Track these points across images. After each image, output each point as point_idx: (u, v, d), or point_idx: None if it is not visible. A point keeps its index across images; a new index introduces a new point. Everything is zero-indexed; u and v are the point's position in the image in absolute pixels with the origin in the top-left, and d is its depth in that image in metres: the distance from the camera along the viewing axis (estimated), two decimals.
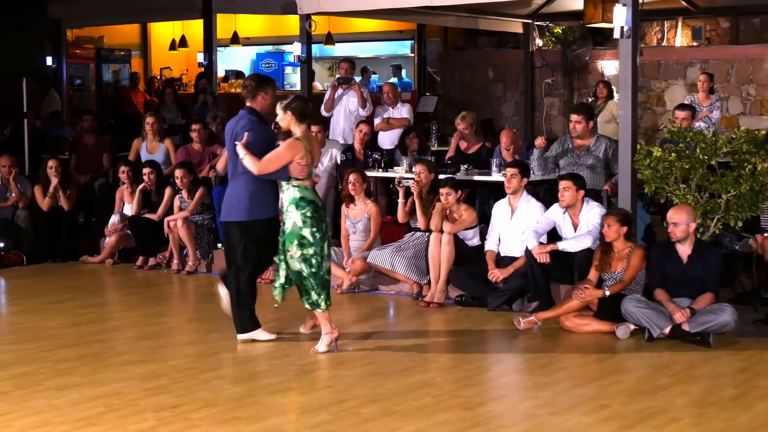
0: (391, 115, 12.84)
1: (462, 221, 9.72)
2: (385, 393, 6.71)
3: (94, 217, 12.91)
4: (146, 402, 6.52)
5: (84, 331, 8.52)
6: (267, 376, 7.18)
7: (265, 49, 22.23)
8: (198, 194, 11.43)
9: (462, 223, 9.72)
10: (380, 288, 10.27)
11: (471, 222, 9.80)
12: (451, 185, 9.73)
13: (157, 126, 12.64)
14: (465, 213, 9.79)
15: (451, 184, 9.75)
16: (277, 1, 14.67)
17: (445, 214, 9.70)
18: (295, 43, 13.05)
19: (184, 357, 7.74)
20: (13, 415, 6.25)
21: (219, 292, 8.26)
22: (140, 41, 21.36)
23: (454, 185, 9.77)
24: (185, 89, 19.30)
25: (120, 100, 18.69)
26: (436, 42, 19.92)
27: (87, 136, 13.67)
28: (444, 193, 9.70)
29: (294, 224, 7.68)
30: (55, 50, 17.51)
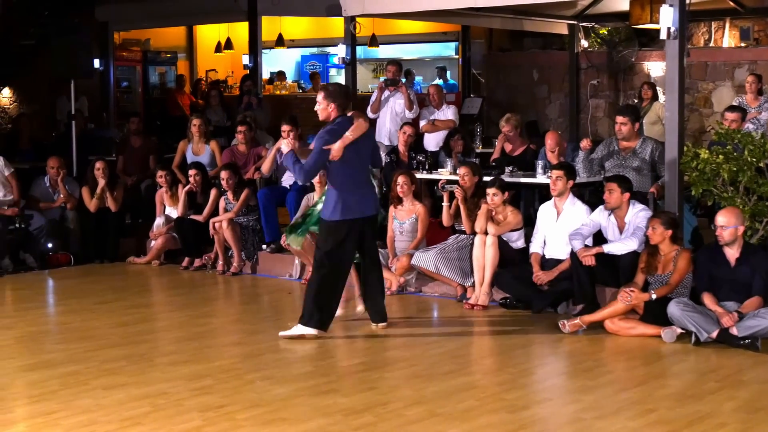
0: (437, 117, 12.82)
1: (507, 223, 9.69)
2: (429, 395, 6.70)
3: (141, 218, 13.01)
4: (192, 402, 6.55)
5: (130, 332, 8.59)
6: (311, 377, 7.20)
7: (309, 51, 22.29)
8: (243, 196, 11.48)
9: (507, 224, 9.68)
10: (424, 290, 10.26)
11: (516, 224, 9.76)
12: (498, 186, 9.71)
13: (202, 128, 12.72)
14: (510, 215, 9.75)
15: (498, 184, 9.73)
16: (321, 3, 14.72)
17: (490, 215, 9.67)
18: (340, 44, 13.09)
19: (229, 358, 7.79)
20: (60, 414, 6.32)
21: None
22: (186, 44, 21.49)
23: (502, 186, 9.74)
24: (230, 91, 19.40)
25: (166, 102, 18.81)
26: (481, 43, 19.87)
27: (134, 138, 13.78)
28: (491, 193, 9.67)
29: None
30: (102, 53, 17.65)
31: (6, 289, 10.93)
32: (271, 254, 11.49)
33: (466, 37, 19.40)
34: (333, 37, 17.58)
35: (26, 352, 7.96)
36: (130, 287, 10.97)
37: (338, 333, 8.60)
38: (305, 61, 22.17)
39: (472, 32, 19.33)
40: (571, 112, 17.07)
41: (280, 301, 10.35)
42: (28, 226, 11.88)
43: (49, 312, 10.23)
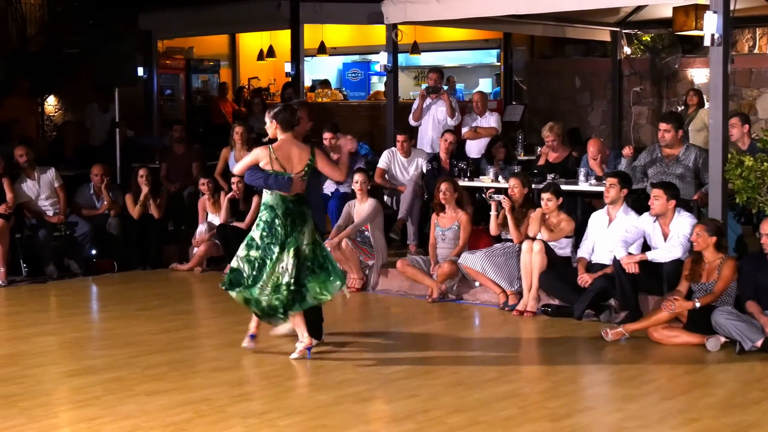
0: (479, 124, 12.80)
1: (561, 230, 9.65)
2: (470, 403, 6.69)
3: (183, 225, 13.08)
4: (234, 408, 6.58)
5: (173, 338, 8.64)
6: (353, 384, 7.20)
7: (351, 59, 22.34)
8: None
9: (561, 231, 9.65)
10: (465, 297, 10.24)
11: (569, 231, 9.73)
12: (553, 191, 9.68)
13: (245, 135, 12.78)
14: (564, 222, 9.71)
15: (553, 189, 9.70)
16: (363, 11, 14.75)
17: (543, 220, 9.64)
18: (382, 52, 13.11)
19: (271, 364, 7.80)
20: (104, 420, 6.36)
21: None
22: (229, 52, 21.61)
23: (556, 191, 9.72)
24: (273, 99, 19.46)
25: (209, 110, 18.93)
26: (523, 51, 19.81)
27: (177, 145, 13.86)
28: (545, 198, 9.64)
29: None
30: (146, 61, 17.79)
31: (50, 295, 11.04)
32: None
33: (507, 44, 19.36)
34: (375, 45, 17.59)
35: (70, 358, 8.02)
36: (173, 294, 11.03)
37: (379, 340, 8.61)
38: (347, 69, 22.21)
39: (513, 39, 19.28)
40: (614, 120, 16.97)
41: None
42: (72, 233, 11.99)
43: (92, 318, 10.31)
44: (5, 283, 11.26)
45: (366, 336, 8.89)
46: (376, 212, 10.91)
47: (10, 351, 8.23)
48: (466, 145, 12.80)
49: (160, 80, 18.60)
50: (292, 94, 16.04)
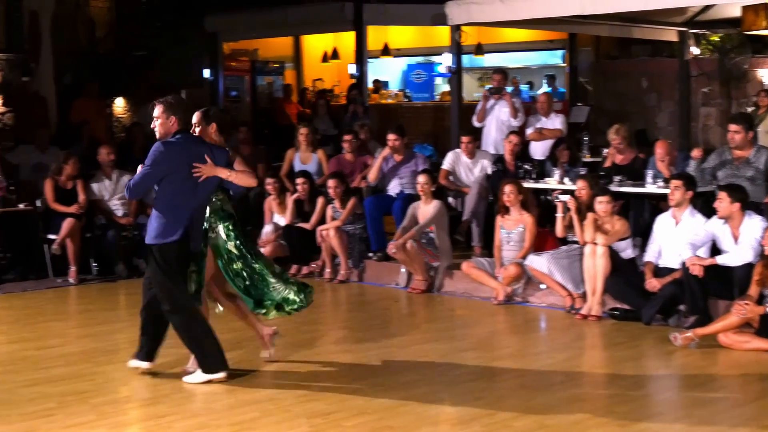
0: (544, 126, 12.73)
1: (615, 232, 9.56)
2: (537, 406, 6.65)
3: (249, 225, 13.14)
4: (299, 409, 6.61)
5: (240, 337, 8.68)
6: (418, 385, 7.19)
7: (415, 60, 22.35)
8: (350, 204, 11.55)
9: (615, 234, 9.56)
10: (531, 300, 10.19)
11: (624, 233, 9.63)
12: (610, 194, 9.61)
13: (310, 136, 12.84)
14: (618, 224, 9.63)
15: (610, 192, 9.63)
16: (427, 13, 14.75)
17: (597, 224, 9.56)
18: (445, 53, 13.14)
19: (336, 365, 7.82)
20: (172, 418, 6.43)
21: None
22: (293, 53, 21.73)
23: (612, 195, 9.64)
24: (337, 100, 19.55)
25: (274, 112, 19.03)
26: (588, 51, 19.68)
27: (242, 146, 13.92)
28: (603, 201, 9.57)
29: (219, 237, 7.49)
30: (212, 63, 17.96)
31: (120, 294, 11.19)
32: (378, 262, 11.53)
33: (573, 45, 19.25)
34: (439, 46, 17.61)
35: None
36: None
37: (445, 342, 8.60)
38: (411, 70, 22.23)
39: (579, 40, 19.16)
40: (682, 121, 16.77)
41: (386, 309, 10.38)
42: (140, 234, 12.12)
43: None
44: (76, 282, 11.44)
45: (431, 338, 8.88)
46: (440, 214, 10.90)
47: (81, 348, 8.36)
48: (530, 147, 12.74)
49: (225, 82, 18.76)
50: (357, 95, 16.08)
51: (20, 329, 9.22)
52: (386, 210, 11.75)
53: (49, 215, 11.84)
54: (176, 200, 7.03)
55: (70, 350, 8.27)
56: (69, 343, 8.58)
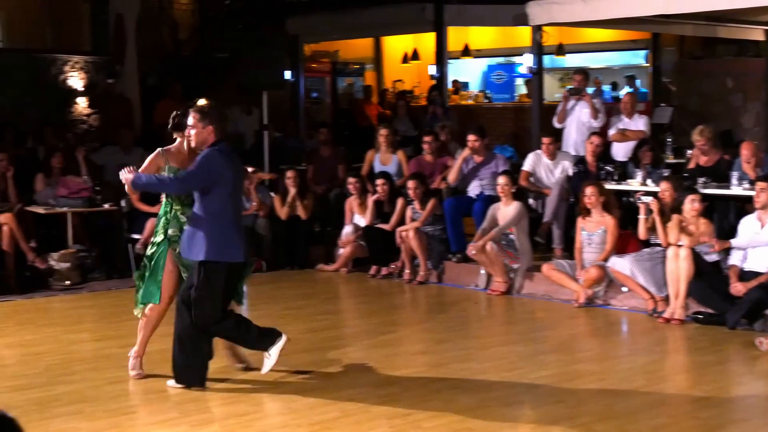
0: (627, 127, 12.57)
1: (701, 233, 9.42)
2: (617, 411, 6.57)
3: (330, 226, 13.25)
4: (379, 409, 6.61)
5: (320, 337, 8.75)
6: (497, 387, 7.16)
7: (495, 61, 22.26)
8: (430, 205, 11.55)
9: (701, 236, 9.41)
10: (613, 303, 10.08)
11: (708, 235, 9.48)
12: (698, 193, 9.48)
13: (390, 138, 12.87)
14: (702, 226, 9.49)
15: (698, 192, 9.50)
16: (508, 13, 14.67)
17: (682, 226, 9.42)
18: (526, 54, 13.06)
19: (416, 366, 7.83)
20: (253, 416, 6.49)
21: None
22: (374, 55, 21.77)
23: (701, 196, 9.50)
24: (417, 101, 19.55)
25: (354, 113, 19.11)
26: (672, 51, 19.40)
27: (323, 147, 14.04)
28: (694, 199, 9.42)
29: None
30: (293, 64, 18.09)
31: None
32: (458, 264, 11.51)
33: (656, 44, 18.99)
34: (519, 47, 17.52)
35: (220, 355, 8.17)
36: (319, 294, 11.18)
37: (525, 345, 8.55)
38: (491, 71, 22.13)
39: (662, 40, 18.90)
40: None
41: (466, 310, 10.35)
42: None
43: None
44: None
45: (511, 340, 8.84)
46: (521, 215, 10.84)
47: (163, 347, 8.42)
48: (612, 148, 12.59)
49: (306, 83, 18.88)
50: (437, 97, 16.07)
51: (104, 327, 9.38)
52: (466, 211, 11.72)
53: (133, 215, 12.03)
54: (225, 212, 6.92)
55: (152, 348, 8.34)
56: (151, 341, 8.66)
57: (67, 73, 16.21)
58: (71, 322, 10.00)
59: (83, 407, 6.67)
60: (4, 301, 10.53)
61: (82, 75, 16.36)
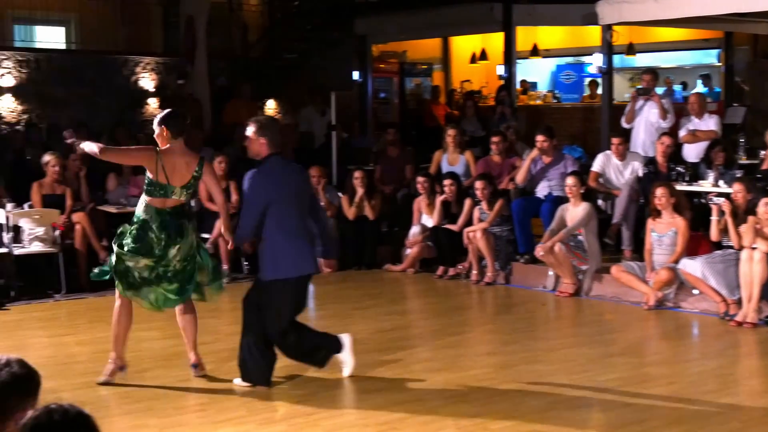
0: (697, 127, 12.39)
1: None
2: (688, 415, 6.49)
3: (397, 226, 13.26)
4: (446, 410, 6.60)
5: (387, 338, 8.76)
6: (566, 390, 7.10)
7: (564, 61, 22.11)
8: (497, 206, 11.50)
9: None
10: (683, 305, 9.95)
11: None
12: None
13: (458, 138, 12.84)
14: None
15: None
16: (577, 12, 14.58)
17: (757, 229, 9.26)
18: (596, 53, 12.94)
19: (483, 367, 7.80)
20: (320, 415, 6.51)
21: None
22: (442, 55, 21.75)
23: None
24: (485, 102, 19.49)
25: (422, 113, 19.11)
26: (745, 50, 19.10)
27: (390, 148, 14.06)
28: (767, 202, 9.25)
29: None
30: (361, 65, 18.14)
31: None
32: (525, 265, 11.45)
33: (729, 43, 18.70)
34: (589, 46, 17.36)
35: None
36: (386, 294, 11.19)
37: (594, 347, 8.47)
38: (560, 71, 21.99)
39: (735, 38, 18.61)
40: None
41: (533, 312, 10.29)
42: None
43: (309, 316, 10.53)
44: (228, 280, 11.68)
45: (579, 342, 8.78)
46: (589, 216, 10.75)
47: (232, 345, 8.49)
48: (683, 149, 12.42)
49: (374, 84, 18.93)
50: (505, 97, 16.00)
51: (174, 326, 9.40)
52: (534, 212, 11.65)
53: (202, 215, 12.15)
54: (281, 228, 6.95)
55: (221, 347, 8.45)
56: (220, 340, 8.77)
57: (139, 75, 16.45)
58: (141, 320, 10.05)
59: (153, 404, 6.76)
60: (76, 299, 10.70)
61: (153, 76, 16.59)
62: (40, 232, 11.04)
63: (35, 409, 2.93)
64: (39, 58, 15.53)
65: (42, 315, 9.91)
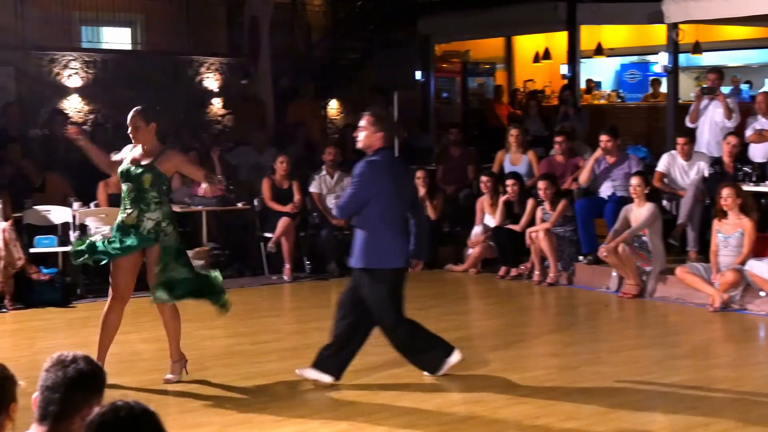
0: (764, 127, 12.19)
1: None
2: (755, 419, 6.37)
3: (459, 226, 13.23)
4: (507, 411, 6.57)
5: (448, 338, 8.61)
6: (629, 392, 7.03)
7: (629, 60, 21.89)
8: (560, 206, 11.43)
9: None
10: (749, 308, 9.79)
11: None
12: None
13: (520, 138, 12.78)
14: None
15: None
16: (642, 11, 14.43)
17: None
18: (661, 52, 12.80)
19: (545, 368, 7.76)
20: (381, 415, 6.51)
21: None
22: (504, 54, 21.65)
23: None
24: (548, 101, 19.37)
25: (484, 113, 19.05)
26: None
27: (453, 148, 14.04)
28: None
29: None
30: (423, 65, 18.13)
31: (331, 293, 11.40)
32: (588, 266, 11.36)
33: None
34: (654, 45, 17.18)
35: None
36: (448, 294, 11.17)
37: (658, 349, 8.39)
38: (624, 70, 21.78)
39: None
40: None
41: (596, 313, 10.22)
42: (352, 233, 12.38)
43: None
44: (290, 279, 11.77)
45: (643, 344, 8.69)
46: (654, 217, 10.64)
47: (294, 344, 8.59)
48: (750, 149, 12.23)
49: (436, 83, 18.91)
50: (569, 96, 15.89)
51: (237, 324, 9.54)
52: (597, 212, 11.55)
53: (265, 214, 12.25)
54: (384, 220, 7.04)
55: (283, 346, 8.51)
56: (282, 339, 8.83)
57: (203, 75, 16.60)
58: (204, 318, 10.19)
59: (216, 402, 6.81)
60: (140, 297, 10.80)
61: (217, 76, 16.74)
62: (105, 230, 11.16)
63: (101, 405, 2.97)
64: (105, 58, 15.75)
65: None
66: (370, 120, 7.11)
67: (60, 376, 3.32)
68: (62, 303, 9.05)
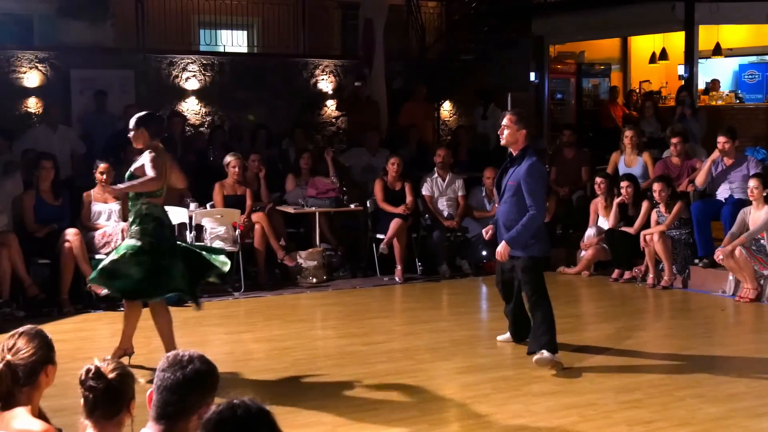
0: None
1: None
2: None
3: (572, 228, 13.12)
4: (620, 415, 6.51)
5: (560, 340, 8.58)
6: (745, 398, 6.90)
7: (748, 60, 21.39)
8: (676, 208, 11.25)
9: None
10: None
11: None
12: None
13: (635, 139, 12.61)
14: None
15: None
16: (762, 10, 14.14)
17: None
18: None
19: (659, 372, 7.65)
20: (492, 417, 6.51)
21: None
22: (620, 55, 21.38)
23: None
24: (665, 102, 19.05)
25: (599, 114, 18.83)
26: None
27: (566, 149, 13.92)
28: None
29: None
30: (538, 66, 18.01)
31: (443, 294, 11.46)
32: (704, 269, 11.15)
33: None
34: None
35: (460, 355, 8.27)
36: (560, 297, 11.02)
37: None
38: (743, 71, 21.28)
39: None
40: None
41: (712, 317, 10.02)
42: (465, 233, 12.41)
43: (481, 317, 10.58)
44: (401, 281, 11.82)
45: (760, 349, 8.51)
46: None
47: (405, 345, 8.63)
48: None
49: (551, 85, 18.78)
50: (686, 97, 15.60)
51: (349, 325, 9.64)
52: (714, 215, 11.32)
53: (377, 215, 12.32)
54: (522, 214, 7.66)
55: (395, 347, 8.55)
56: (393, 340, 8.87)
57: (318, 77, 16.77)
58: (317, 318, 10.35)
59: (327, 402, 6.88)
60: (254, 297, 11.01)
61: (332, 78, 16.90)
62: (221, 231, 11.40)
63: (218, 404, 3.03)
64: (222, 61, 16.04)
65: (221, 312, 10.22)
66: (512, 119, 7.71)
67: (178, 377, 3.40)
68: (177, 303, 9.27)
